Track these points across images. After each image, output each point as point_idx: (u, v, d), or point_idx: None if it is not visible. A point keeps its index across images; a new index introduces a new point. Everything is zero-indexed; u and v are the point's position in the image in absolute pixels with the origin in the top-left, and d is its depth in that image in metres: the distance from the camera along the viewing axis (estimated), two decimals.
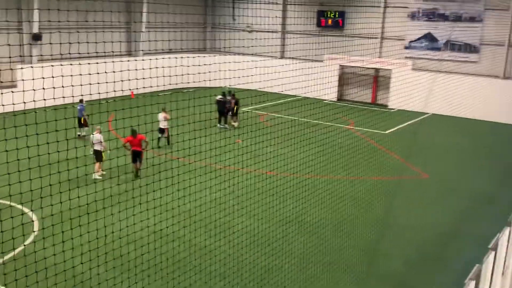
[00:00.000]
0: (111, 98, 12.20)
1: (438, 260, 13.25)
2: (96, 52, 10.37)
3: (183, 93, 11.63)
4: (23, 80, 8.31)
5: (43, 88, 8.24)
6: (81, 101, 22.23)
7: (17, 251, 11.04)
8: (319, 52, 33.73)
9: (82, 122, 22.59)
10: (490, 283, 8.19)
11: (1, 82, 9.24)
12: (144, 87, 11.18)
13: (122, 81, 9.74)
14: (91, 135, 17.86)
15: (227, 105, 25.99)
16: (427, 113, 31.15)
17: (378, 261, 12.67)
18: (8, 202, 12.68)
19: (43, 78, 8.02)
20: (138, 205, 11.22)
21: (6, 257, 10.39)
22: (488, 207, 17.40)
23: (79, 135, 22.34)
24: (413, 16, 34.44)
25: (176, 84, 10.70)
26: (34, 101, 8.24)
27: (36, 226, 13.41)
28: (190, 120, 12.01)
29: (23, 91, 7.90)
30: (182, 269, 10.85)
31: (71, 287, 8.89)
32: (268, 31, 37.37)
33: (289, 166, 16.89)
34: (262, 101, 29.17)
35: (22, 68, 15.12)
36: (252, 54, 20.74)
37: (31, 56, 29.49)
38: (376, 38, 35.59)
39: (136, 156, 17.33)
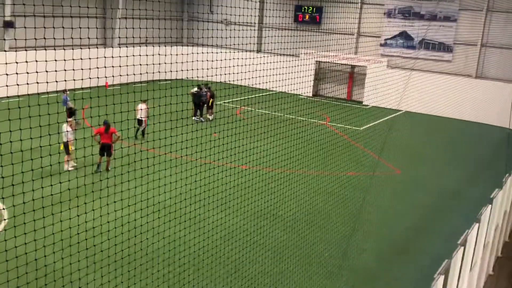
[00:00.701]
0: (85, 88, 11.97)
1: (408, 255, 13.46)
2: (73, 40, 10.14)
3: (159, 84, 11.47)
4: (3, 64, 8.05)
5: (14, 75, 8.01)
6: (64, 91, 21.76)
7: None
8: (296, 46, 33.82)
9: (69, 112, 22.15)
10: (459, 278, 8.35)
11: None
12: (120, 76, 10.97)
13: (97, 68, 9.55)
14: (63, 126, 17.48)
15: (203, 97, 25.81)
16: (401, 111, 31.54)
17: (350, 255, 12.80)
18: None
19: (16, 63, 7.80)
20: (110, 196, 11.03)
21: None
22: (457, 204, 17.75)
23: (76, 122, 21.81)
24: (389, 14, 34.77)
25: (152, 74, 10.55)
26: (6, 86, 8.01)
27: (5, 215, 13.11)
28: (165, 111, 11.87)
29: None
30: (154, 261, 10.75)
31: (40, 278, 8.69)
32: (245, 24, 37.24)
33: (264, 160, 16.88)
34: (238, 94, 29.08)
35: None
36: (228, 47, 20.65)
37: (4, 39, 28.73)
38: (352, 34, 35.84)
39: (105, 149, 17.01)
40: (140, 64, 11.24)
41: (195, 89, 25.73)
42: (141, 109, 20.98)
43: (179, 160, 15.28)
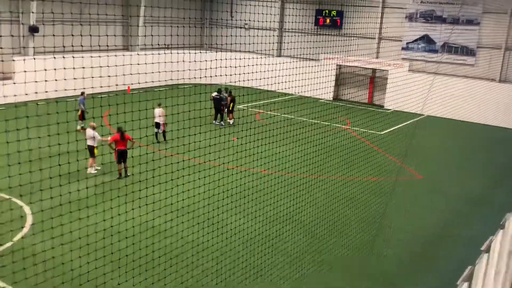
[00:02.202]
0: (107, 93, 12.11)
1: (429, 261, 13.27)
2: (94, 46, 10.26)
3: (180, 89, 11.57)
4: (23, 72, 8.22)
5: (41, 81, 8.16)
6: (82, 93, 22.09)
7: (10, 244, 10.96)
8: (316, 51, 33.73)
9: (80, 114, 22.51)
10: (483, 285, 8.20)
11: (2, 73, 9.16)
12: (140, 83, 11.10)
13: (117, 76, 9.67)
14: (87, 130, 17.71)
15: (223, 102, 25.91)
16: (423, 115, 31.20)
17: (370, 261, 12.68)
18: (2, 195, 12.58)
19: (45, 70, 7.96)
20: (135, 201, 11.19)
21: (0, 249, 10.32)
22: (480, 209, 17.45)
23: (82, 127, 22.17)
24: (410, 17, 34.48)
25: (173, 80, 10.65)
26: (35, 93, 8.16)
27: (30, 220, 13.32)
28: (186, 116, 11.95)
29: (19, 83, 7.82)
30: (178, 265, 10.78)
31: (64, 282, 8.82)
32: (265, 29, 37.32)
33: (285, 165, 16.87)
34: (258, 99, 29.13)
35: (24, 60, 15.05)
36: (249, 52, 20.67)
37: (26, 47, 29.28)
38: (373, 38, 35.62)
39: (122, 155, 17.19)
40: (159, 71, 11.35)
41: (215, 93, 25.86)
42: (159, 114, 21.13)
43: (199, 164, 15.34)
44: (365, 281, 11.80)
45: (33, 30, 29.13)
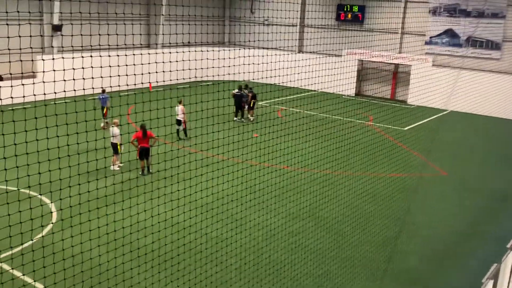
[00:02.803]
0: (129, 91, 12.26)
1: (454, 258, 13.12)
2: (116, 45, 10.38)
3: (201, 86, 11.62)
4: (52, 70, 8.34)
5: (63, 80, 8.28)
6: (103, 91, 22.37)
7: (35, 240, 11.18)
8: (338, 46, 33.51)
9: (105, 112, 22.87)
10: (509, 283, 8.07)
11: (22, 73, 9.32)
12: (164, 80, 11.19)
13: (142, 74, 9.76)
14: (110, 128, 17.93)
15: (244, 98, 25.96)
16: (446, 110, 30.78)
17: (394, 258, 12.59)
18: (28, 192, 12.84)
19: (73, 69, 8.09)
20: (160, 197, 11.31)
21: (25, 246, 10.52)
22: (506, 206, 17.17)
23: (106, 122, 22.48)
24: (434, 11, 34.00)
25: (196, 77, 10.71)
26: (61, 91, 8.28)
27: (54, 217, 13.57)
28: (207, 113, 12.00)
29: (43, 81, 7.94)
30: (202, 261, 10.86)
31: (92, 276, 8.97)
32: (286, 25, 37.21)
33: (308, 161, 16.82)
34: (279, 96, 29.08)
35: (43, 59, 15.22)
36: (269, 48, 20.65)
37: (52, 47, 29.76)
38: (396, 33, 35.24)
39: (145, 153, 17.29)
40: (182, 69, 11.41)
41: (236, 90, 25.92)
42: (179, 111, 21.26)
43: (222, 161, 15.41)
44: (388, 278, 11.72)
45: (56, 29, 29.56)
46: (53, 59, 8.29)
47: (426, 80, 27.17)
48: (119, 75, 8.61)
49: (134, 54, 9.80)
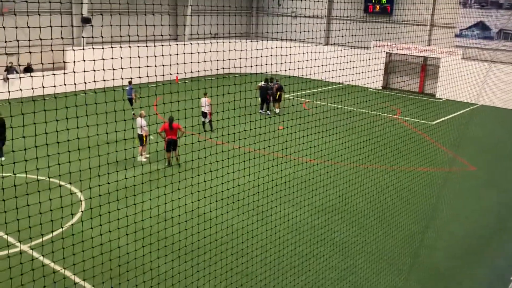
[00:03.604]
0: (156, 82, 12.35)
1: (481, 255, 12.91)
2: (143, 36, 10.47)
3: (226, 78, 11.62)
4: (82, 61, 8.45)
5: (92, 70, 8.38)
6: (129, 83, 22.75)
7: (65, 228, 11.40)
8: (366, 38, 33.13)
9: (134, 101, 23.27)
10: None
11: (53, 63, 9.46)
12: (192, 72, 11.21)
13: (170, 65, 9.81)
14: (138, 119, 18.12)
15: (270, 91, 25.90)
16: (476, 104, 30.19)
17: (420, 253, 12.46)
18: (58, 181, 13.07)
19: (103, 59, 8.19)
20: (187, 188, 11.41)
21: (55, 233, 10.73)
22: None
23: (134, 114, 22.82)
24: (464, 3, 33.28)
25: (223, 69, 10.72)
26: (84, 83, 8.39)
27: (83, 206, 13.81)
28: (234, 105, 12.01)
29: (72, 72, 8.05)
30: (227, 251, 10.92)
31: (120, 265, 9.11)
32: (313, 17, 36.93)
33: (334, 155, 16.72)
34: (307, 88, 28.93)
35: (73, 49, 15.58)
36: (296, 40, 20.48)
37: (82, 37, 30.14)
38: (425, 25, 34.64)
39: (172, 144, 17.37)
40: (210, 61, 11.42)
41: (263, 82, 25.87)
42: (205, 103, 21.32)
43: (249, 153, 15.43)
44: (414, 273, 11.61)
45: (85, 21, 29.94)
46: (83, 49, 8.39)
47: (455, 74, 26.68)
48: (147, 66, 8.67)
49: (162, 45, 9.85)
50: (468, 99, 29.15)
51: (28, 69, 26.70)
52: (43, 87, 7.42)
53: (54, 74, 8.29)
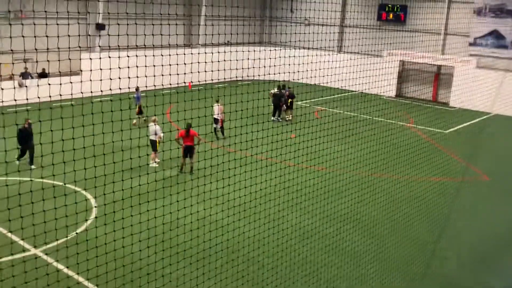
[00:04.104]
0: (169, 89, 12.49)
1: (494, 264, 12.82)
2: (161, 45, 10.61)
3: (239, 85, 11.71)
4: (99, 69, 8.60)
5: (107, 78, 8.51)
6: (137, 89, 22.83)
7: (79, 234, 11.53)
8: (379, 47, 33.10)
9: (139, 109, 23.33)
10: None
11: (70, 70, 9.63)
12: (205, 80, 11.33)
13: (184, 74, 9.93)
14: (149, 126, 18.26)
15: (282, 98, 25.96)
16: (490, 113, 29.98)
17: (433, 262, 12.39)
18: (74, 187, 13.23)
19: (119, 67, 8.32)
20: (199, 195, 11.49)
21: (69, 238, 10.86)
22: None
23: (139, 119, 22.97)
24: (479, 12, 33.14)
25: (236, 77, 10.82)
26: (101, 90, 8.53)
27: (96, 212, 13.94)
28: (247, 113, 12.09)
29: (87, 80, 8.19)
30: (239, 259, 10.97)
31: (133, 271, 9.19)
32: (326, 25, 36.95)
33: (346, 163, 16.72)
34: (318, 95, 28.93)
35: (90, 58, 15.83)
36: (309, 48, 20.54)
37: (98, 46, 30.51)
38: (439, 34, 34.54)
39: (188, 151, 17.47)
40: (224, 69, 11.52)
41: (275, 90, 25.95)
42: (217, 108, 21.38)
43: (261, 161, 15.48)
44: (426, 283, 11.55)
45: (100, 28, 30.32)
46: (100, 58, 8.54)
47: (469, 82, 26.56)
48: (162, 75, 8.80)
49: (177, 54, 9.97)
50: (482, 108, 28.96)
51: (43, 74, 27.06)
52: (61, 94, 7.57)
53: (71, 82, 8.44)
